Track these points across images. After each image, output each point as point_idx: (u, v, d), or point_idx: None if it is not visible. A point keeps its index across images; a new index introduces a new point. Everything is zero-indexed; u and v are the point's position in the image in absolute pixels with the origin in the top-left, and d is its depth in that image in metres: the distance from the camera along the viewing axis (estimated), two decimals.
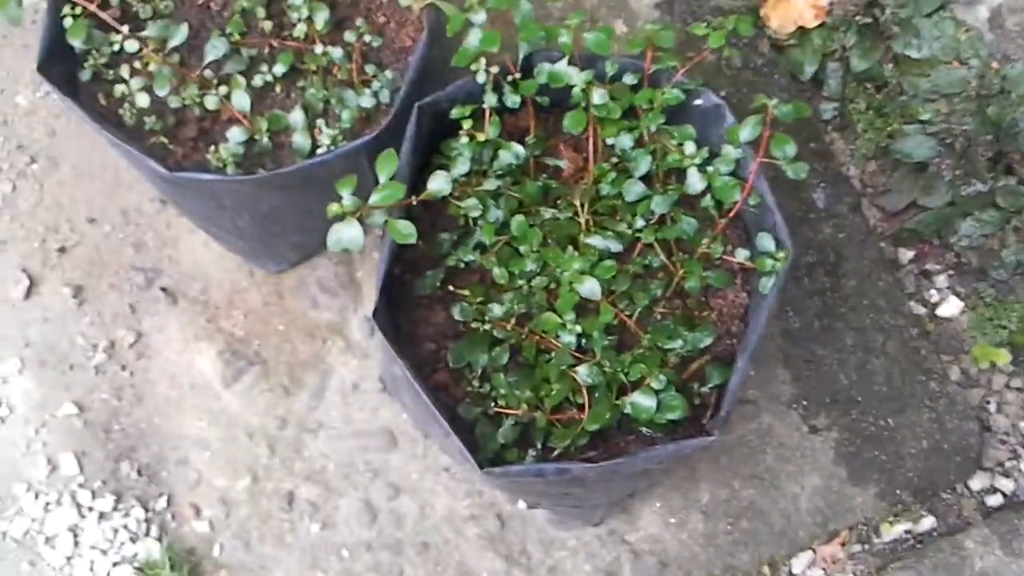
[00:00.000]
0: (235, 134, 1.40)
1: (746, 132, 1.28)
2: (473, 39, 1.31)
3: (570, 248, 1.32)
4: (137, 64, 1.40)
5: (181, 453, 1.63)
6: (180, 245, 1.73)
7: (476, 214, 1.31)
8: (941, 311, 1.84)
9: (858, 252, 1.79)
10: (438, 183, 1.24)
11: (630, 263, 1.33)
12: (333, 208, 1.20)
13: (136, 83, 1.38)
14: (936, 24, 1.81)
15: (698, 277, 1.32)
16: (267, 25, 1.46)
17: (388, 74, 1.44)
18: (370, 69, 1.45)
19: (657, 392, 1.23)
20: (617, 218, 1.36)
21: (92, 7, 1.36)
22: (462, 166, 1.28)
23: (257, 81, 1.44)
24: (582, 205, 1.35)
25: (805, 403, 1.70)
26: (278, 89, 1.46)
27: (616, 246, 1.31)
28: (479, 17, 1.32)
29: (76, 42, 1.35)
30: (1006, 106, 1.76)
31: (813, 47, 1.89)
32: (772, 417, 1.69)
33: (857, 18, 1.83)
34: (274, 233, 1.55)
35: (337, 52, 1.43)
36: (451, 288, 1.33)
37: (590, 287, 1.27)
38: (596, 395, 1.26)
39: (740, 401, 1.68)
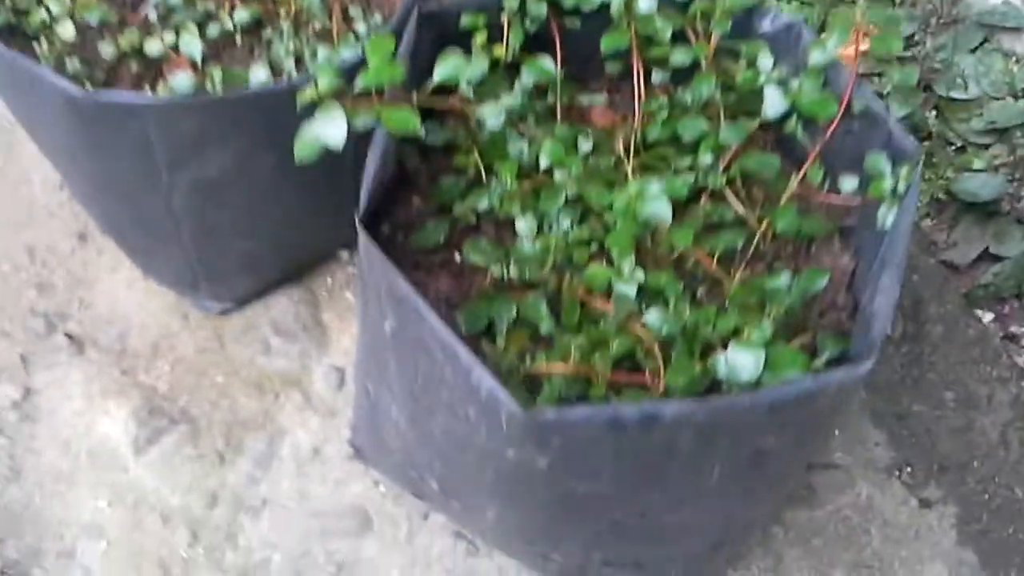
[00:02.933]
0: (180, 80, 1.09)
1: (833, 41, 1.01)
2: None
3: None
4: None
5: (66, 543, 1.16)
6: (97, 286, 1.36)
7: (493, 121, 0.98)
8: None
9: (938, 295, 1.48)
10: (449, 66, 0.93)
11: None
12: (306, 93, 0.88)
13: (58, 6, 1.09)
14: (981, 60, 1.64)
15: (791, 220, 0.99)
16: None
17: (377, 17, 1.17)
18: (355, 13, 1.18)
19: (763, 345, 0.85)
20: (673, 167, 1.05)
21: None
22: (477, 66, 0.98)
23: (213, 31, 1.16)
24: (626, 152, 1.05)
25: (909, 469, 1.30)
26: (240, 41, 1.18)
27: (664, 209, 0.98)
28: None
29: None
30: None
31: None
32: (870, 487, 1.28)
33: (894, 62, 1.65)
34: (220, 232, 1.20)
35: (314, 3, 1.18)
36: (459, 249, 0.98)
37: (657, 207, 0.93)
38: (673, 352, 0.89)
39: (825, 466, 1.28)
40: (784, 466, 0.91)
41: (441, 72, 0.93)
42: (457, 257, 0.99)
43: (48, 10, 1.10)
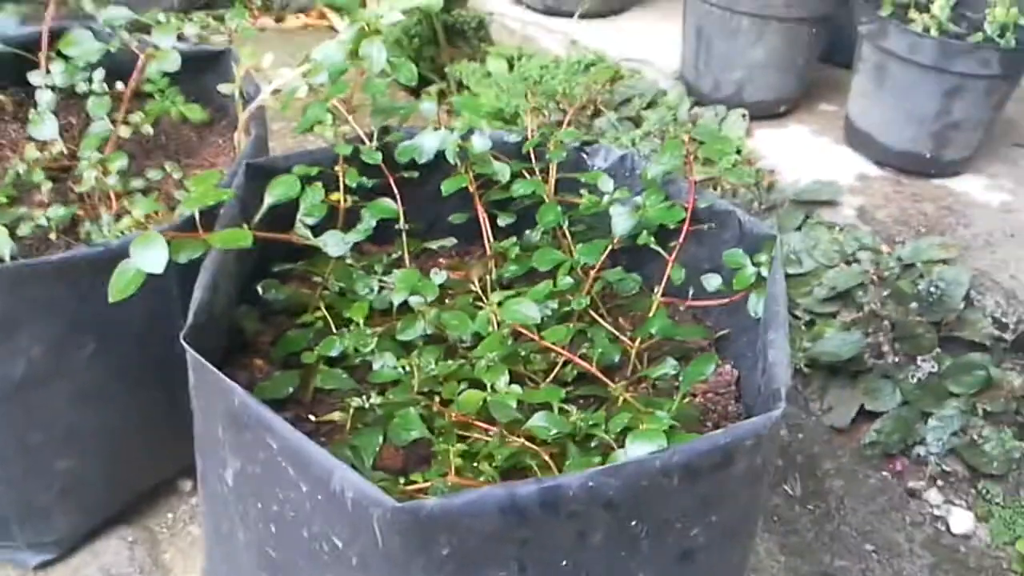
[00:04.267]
0: None
1: (667, 156, 1.03)
2: (316, 111, 1.06)
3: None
4: None
5: None
6: None
7: (336, 249, 0.91)
8: (953, 528, 1.43)
9: (829, 450, 1.42)
10: (281, 187, 0.87)
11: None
12: (124, 222, 0.81)
13: None
14: (807, 235, 1.72)
15: (664, 326, 0.93)
16: (48, 187, 1.15)
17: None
18: (180, 196, 1.12)
19: (664, 432, 0.76)
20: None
21: None
22: (313, 195, 0.92)
23: (24, 230, 1.07)
24: (483, 290, 0.99)
25: None
26: (55, 238, 1.09)
27: (533, 312, 0.91)
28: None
29: None
30: (915, 278, 1.60)
31: None
32: None
33: None
34: (35, 451, 1.02)
35: (137, 195, 1.12)
36: (315, 388, 0.87)
37: (524, 308, 0.86)
38: (567, 456, 0.77)
39: None
40: (715, 568, 0.77)
41: (274, 193, 0.87)
42: (312, 418, 0.86)
43: None
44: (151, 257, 0.77)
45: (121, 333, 1.00)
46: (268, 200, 0.87)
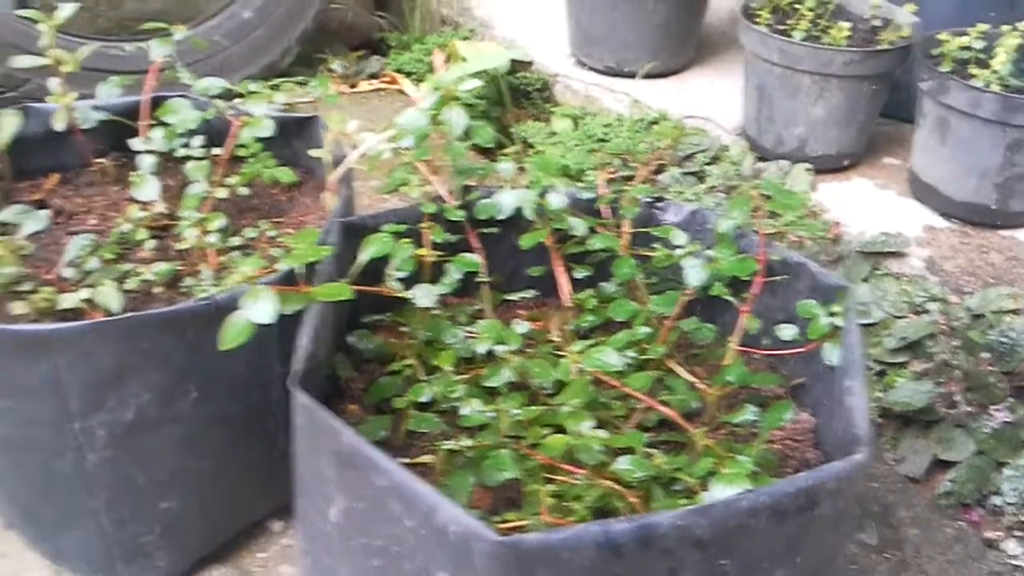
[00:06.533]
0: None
1: (738, 212, 1.07)
2: (402, 172, 1.13)
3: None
4: None
5: None
6: None
7: (425, 300, 0.96)
8: None
9: (905, 499, 1.42)
10: (376, 245, 0.93)
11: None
12: (233, 277, 0.87)
13: None
14: (876, 286, 1.73)
15: (741, 373, 0.96)
16: (152, 245, 1.23)
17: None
18: (277, 254, 1.19)
19: (747, 476, 0.79)
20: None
21: None
22: (404, 251, 0.98)
23: (133, 284, 1.15)
24: (563, 339, 1.03)
25: None
26: (160, 292, 1.16)
27: (614, 359, 0.96)
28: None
29: None
30: (984, 328, 1.60)
31: None
32: None
33: None
34: (138, 493, 1.09)
35: (235, 253, 1.20)
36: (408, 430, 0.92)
37: (607, 357, 0.90)
38: (652, 498, 0.81)
39: None
40: None
41: (370, 250, 0.93)
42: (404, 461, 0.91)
43: None
44: (261, 309, 0.83)
45: (222, 381, 1.06)
46: (363, 256, 0.93)
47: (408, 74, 2.51)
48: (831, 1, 1.92)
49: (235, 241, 1.22)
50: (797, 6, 1.92)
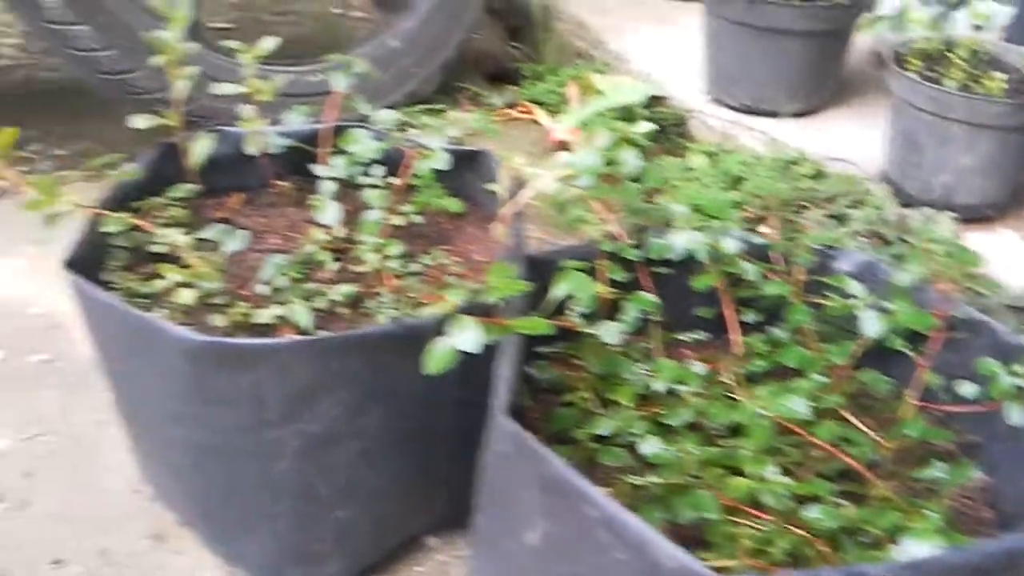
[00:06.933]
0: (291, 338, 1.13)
1: (915, 266, 1.09)
2: (578, 210, 1.18)
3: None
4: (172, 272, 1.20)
5: None
6: None
7: (611, 338, 1.01)
8: None
9: None
10: (570, 282, 0.98)
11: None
12: (439, 305, 0.92)
13: (178, 276, 1.16)
14: None
15: (920, 428, 0.98)
16: (334, 267, 1.30)
17: (471, 285, 1.24)
18: (452, 281, 1.25)
19: (938, 533, 0.80)
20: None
21: (144, 223, 1.20)
22: (591, 288, 1.02)
23: (318, 303, 1.22)
24: (735, 381, 1.06)
25: None
26: (343, 312, 1.23)
27: (801, 407, 0.98)
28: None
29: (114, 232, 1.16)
30: None
31: None
32: None
33: None
34: (319, 500, 1.15)
35: (411, 278, 1.26)
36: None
37: (793, 404, 0.92)
38: (838, 547, 0.83)
39: None
40: None
41: (562, 288, 0.98)
42: None
43: (169, 278, 1.17)
44: (468, 338, 0.88)
45: (402, 401, 1.12)
46: (557, 292, 0.97)
47: (542, 104, 2.57)
48: (984, 51, 1.91)
49: (416, 267, 1.28)
50: (949, 54, 1.91)
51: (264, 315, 1.18)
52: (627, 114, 2.36)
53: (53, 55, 2.01)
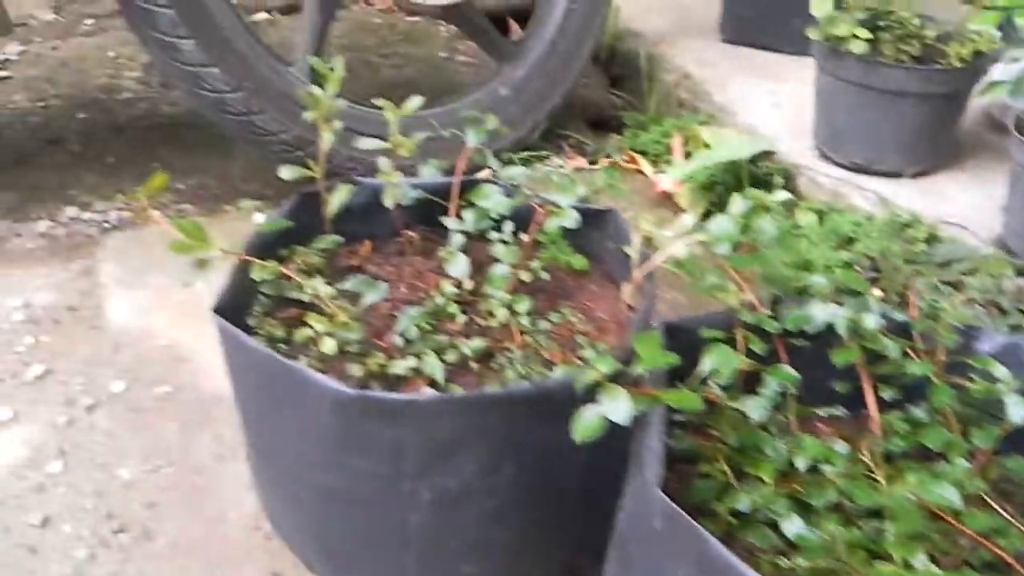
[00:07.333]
0: (427, 392, 1.16)
1: None
2: (715, 278, 1.18)
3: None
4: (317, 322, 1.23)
5: None
6: None
7: (757, 414, 1.01)
8: None
9: None
10: (718, 357, 0.98)
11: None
12: (589, 375, 0.94)
13: (322, 325, 1.19)
14: None
15: None
16: (462, 319, 1.33)
17: (600, 346, 1.26)
18: (581, 341, 1.27)
19: None
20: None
21: (288, 270, 1.25)
22: (735, 361, 1.03)
23: (450, 356, 1.25)
24: (873, 461, 1.05)
25: None
26: (473, 366, 1.25)
27: (953, 495, 0.97)
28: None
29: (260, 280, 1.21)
30: None
31: None
32: None
33: None
34: (447, 554, 1.17)
35: (540, 335, 1.28)
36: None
37: (944, 492, 0.91)
38: None
39: None
40: None
41: (710, 362, 0.98)
42: None
43: (313, 327, 1.20)
44: (618, 409, 0.89)
45: (536, 461, 1.14)
46: (704, 366, 0.98)
47: (645, 154, 2.59)
48: None
49: (545, 325, 1.30)
50: None
51: (399, 367, 1.20)
52: (734, 168, 2.36)
53: (187, 96, 2.09)
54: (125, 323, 1.88)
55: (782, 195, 1.23)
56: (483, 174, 1.53)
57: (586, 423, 0.91)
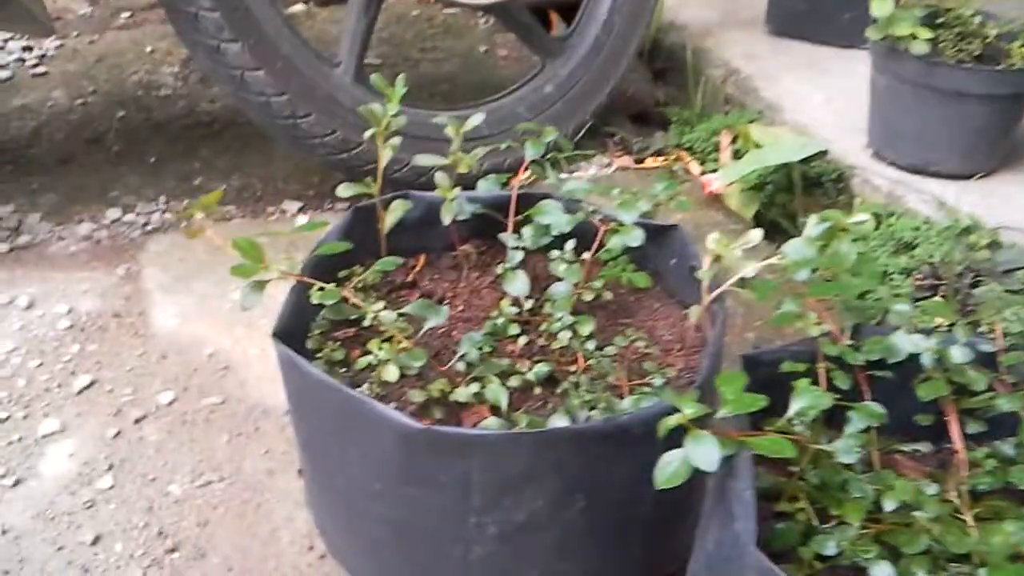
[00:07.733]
0: (491, 423, 1.13)
1: None
2: (793, 306, 1.14)
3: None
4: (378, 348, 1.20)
5: None
6: None
7: (847, 456, 0.96)
8: None
9: None
10: (808, 397, 0.94)
11: None
12: (672, 419, 0.89)
13: (385, 353, 1.16)
14: None
15: None
16: (521, 341, 1.29)
17: (668, 372, 1.22)
18: (648, 367, 1.23)
19: None
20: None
21: (347, 291, 1.21)
22: (824, 401, 0.98)
23: (513, 382, 1.21)
24: (960, 500, 1.01)
25: None
26: (536, 391, 1.22)
27: None
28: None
29: (322, 303, 1.17)
30: None
31: None
32: None
33: None
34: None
35: (605, 360, 1.24)
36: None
37: None
38: None
39: None
40: None
41: (800, 403, 0.94)
42: None
43: (374, 354, 1.17)
44: (705, 456, 0.86)
45: (606, 495, 1.10)
46: (795, 407, 0.94)
47: (692, 151, 2.53)
48: None
49: (610, 350, 1.26)
50: None
51: (462, 394, 1.17)
52: (785, 168, 2.30)
53: (232, 99, 2.06)
54: (170, 331, 1.86)
55: (861, 217, 1.18)
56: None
57: (671, 470, 0.87)
